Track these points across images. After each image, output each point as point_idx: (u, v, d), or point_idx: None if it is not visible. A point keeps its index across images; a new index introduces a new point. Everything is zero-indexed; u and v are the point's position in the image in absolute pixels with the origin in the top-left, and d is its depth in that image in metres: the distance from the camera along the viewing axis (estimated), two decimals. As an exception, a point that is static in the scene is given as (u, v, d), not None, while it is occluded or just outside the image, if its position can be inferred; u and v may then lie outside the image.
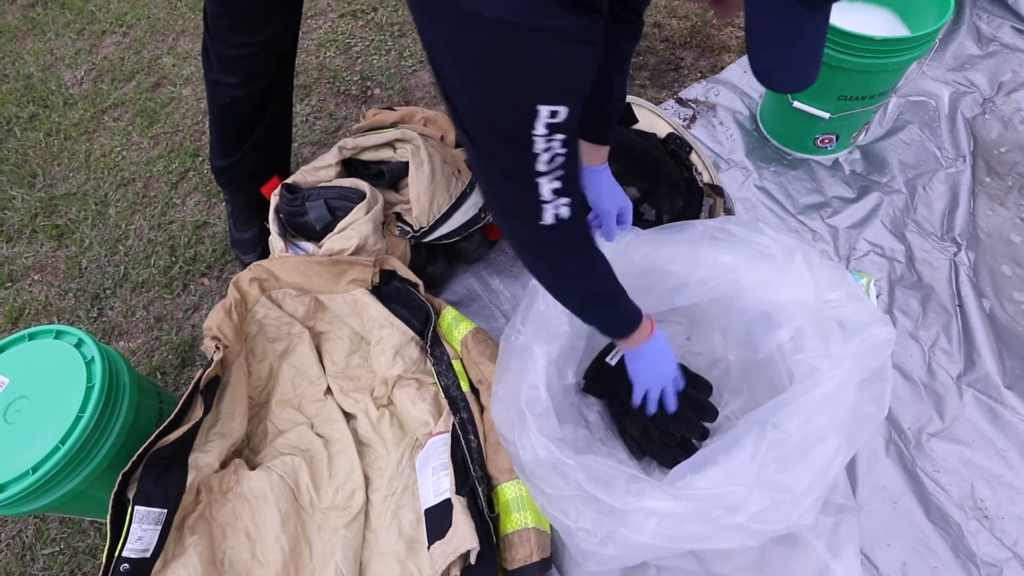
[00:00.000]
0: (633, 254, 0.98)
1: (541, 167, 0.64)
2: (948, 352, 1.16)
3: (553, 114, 0.60)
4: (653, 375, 0.97)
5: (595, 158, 1.06)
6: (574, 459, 0.81)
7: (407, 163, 1.19)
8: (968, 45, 1.61)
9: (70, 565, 1.13)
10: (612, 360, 1.16)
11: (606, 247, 0.97)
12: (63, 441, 0.85)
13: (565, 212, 0.69)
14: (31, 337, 0.96)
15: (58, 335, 0.95)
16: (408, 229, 1.21)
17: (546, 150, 0.63)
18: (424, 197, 1.17)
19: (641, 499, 0.78)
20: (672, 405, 1.00)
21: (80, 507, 0.97)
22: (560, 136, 0.62)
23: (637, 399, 0.99)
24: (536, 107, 0.59)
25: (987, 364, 1.13)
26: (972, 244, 1.29)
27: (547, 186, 0.66)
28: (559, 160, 0.64)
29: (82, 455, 0.87)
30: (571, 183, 0.68)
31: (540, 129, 0.61)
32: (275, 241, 1.16)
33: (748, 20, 0.57)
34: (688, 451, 1.00)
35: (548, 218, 0.68)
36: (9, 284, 1.49)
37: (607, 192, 1.06)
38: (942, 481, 1.03)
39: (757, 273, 0.95)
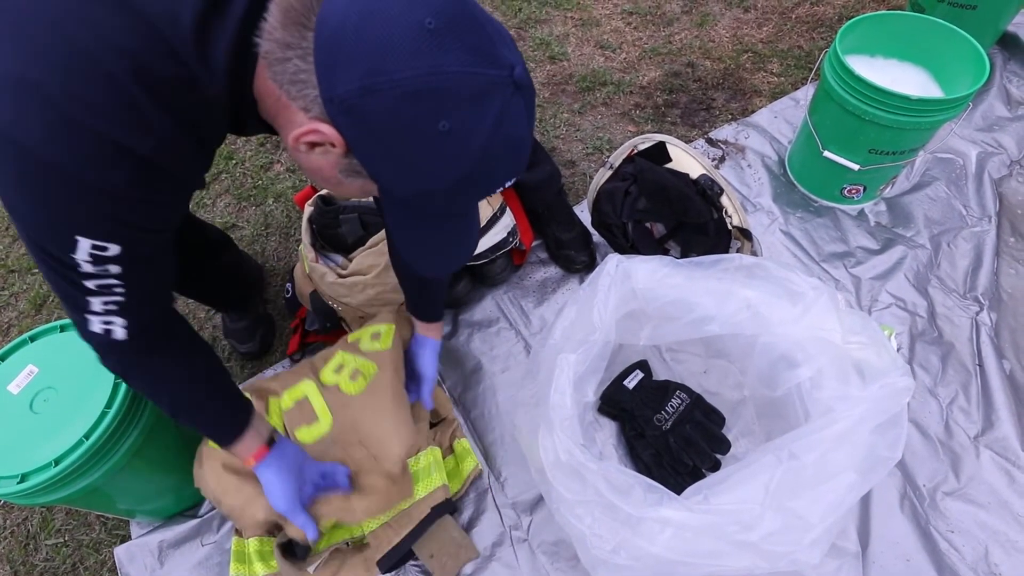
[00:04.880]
0: (664, 283, 1.00)
1: (90, 286, 0.57)
2: (966, 411, 1.16)
3: (99, 248, 0.54)
4: (273, 499, 0.87)
5: (426, 330, 1.09)
6: (596, 464, 0.82)
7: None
8: (997, 107, 1.63)
9: (73, 558, 1.13)
10: (630, 384, 1.18)
11: (642, 271, 0.99)
12: (87, 435, 0.85)
13: (120, 333, 0.62)
14: (63, 329, 0.97)
15: (90, 329, 0.96)
16: (437, 248, 1.22)
17: (93, 275, 0.56)
18: (456, 218, 1.19)
19: (657, 509, 0.79)
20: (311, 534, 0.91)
21: (94, 502, 0.97)
22: (114, 267, 0.56)
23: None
24: (75, 237, 0.52)
25: (1005, 426, 1.13)
26: (994, 304, 1.29)
27: (97, 302, 0.59)
28: (114, 287, 0.58)
29: (104, 451, 0.87)
30: (130, 308, 0.61)
31: (84, 256, 0.54)
32: (306, 251, 1.17)
33: (387, 225, 0.60)
34: (697, 480, 1.01)
35: (96, 327, 0.62)
36: (36, 272, 1.50)
37: (427, 365, 1.09)
38: (956, 542, 1.03)
39: (784, 310, 0.97)
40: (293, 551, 0.98)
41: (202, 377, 0.78)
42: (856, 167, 1.32)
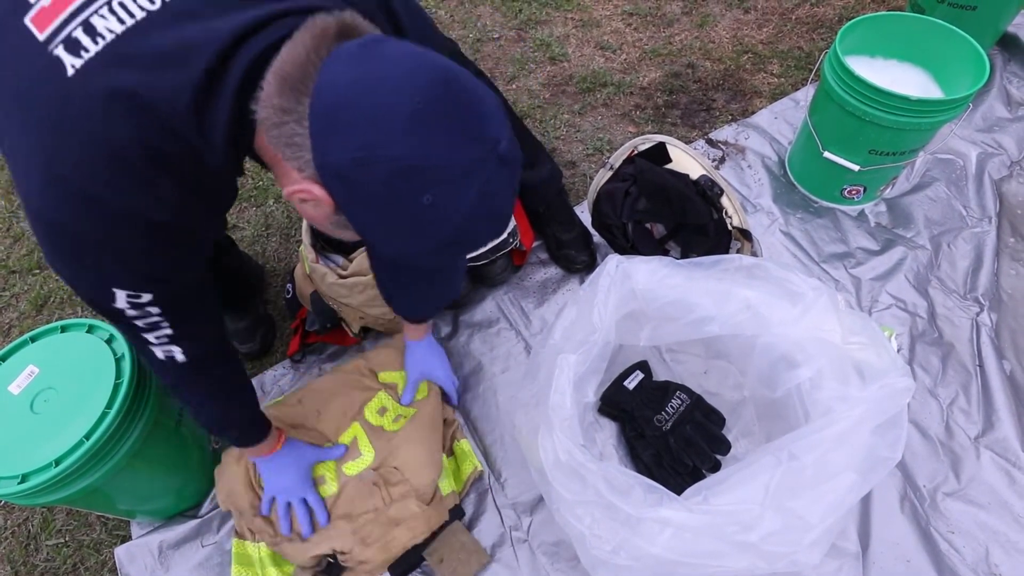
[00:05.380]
0: (664, 283, 1.00)
1: (140, 324, 0.66)
2: (967, 412, 1.16)
3: (133, 296, 0.62)
4: (276, 485, 1.02)
5: (413, 333, 1.12)
6: (595, 464, 0.82)
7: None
8: (998, 108, 1.63)
9: (73, 558, 1.13)
10: (630, 384, 1.18)
11: (642, 272, 1.00)
12: (88, 436, 0.85)
13: (180, 357, 0.72)
14: (63, 329, 0.97)
15: (90, 329, 0.96)
16: (437, 249, 1.22)
17: (139, 317, 0.65)
18: (456, 219, 1.19)
19: (657, 509, 0.79)
20: (302, 518, 1.01)
21: (94, 502, 0.97)
22: (153, 308, 0.65)
23: (265, 505, 1.03)
24: (112, 290, 0.61)
25: (1006, 427, 1.13)
26: (995, 305, 1.29)
27: (152, 336, 0.69)
28: (160, 323, 0.67)
29: (104, 452, 0.87)
30: (181, 337, 0.70)
31: (123, 304, 0.63)
32: (307, 252, 1.17)
33: (376, 278, 0.66)
34: (698, 481, 1.01)
35: (160, 355, 0.71)
36: (37, 271, 1.50)
37: (434, 364, 1.15)
38: (956, 543, 1.03)
39: (784, 310, 0.97)
40: (330, 571, 1.03)
41: (241, 396, 0.89)
42: (856, 168, 1.32)
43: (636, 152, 1.24)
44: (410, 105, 0.47)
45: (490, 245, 1.24)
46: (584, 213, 1.40)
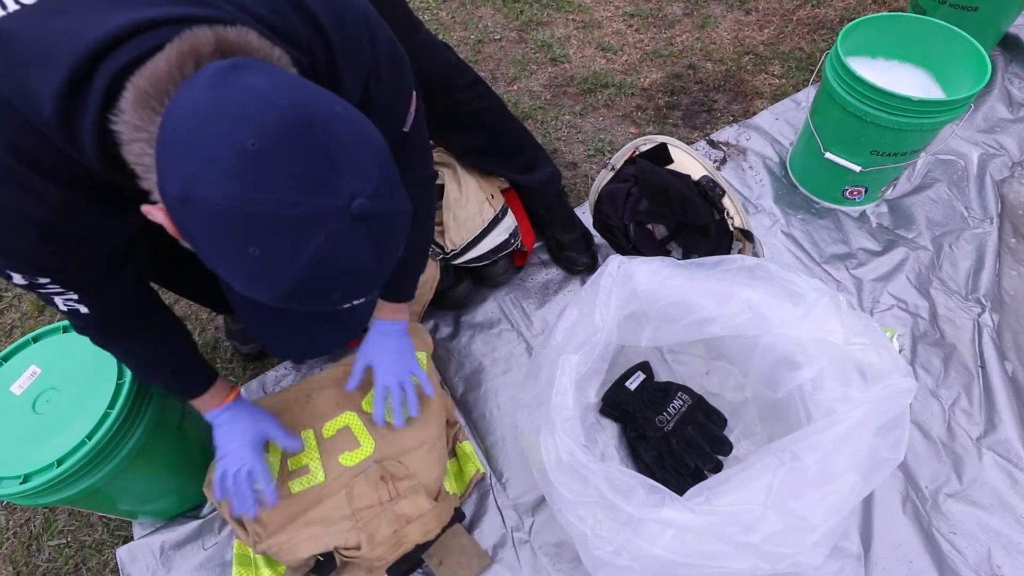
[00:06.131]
0: (665, 284, 1.00)
1: (43, 292, 0.65)
2: (968, 413, 1.16)
3: (29, 278, 0.61)
4: (223, 450, 0.93)
5: (387, 311, 1.01)
6: (597, 465, 0.82)
7: (443, 185, 1.21)
8: (999, 109, 1.63)
9: (75, 559, 1.13)
10: (632, 385, 1.18)
11: (643, 272, 0.99)
12: (90, 436, 0.85)
13: (84, 310, 0.70)
14: (65, 330, 0.97)
15: (93, 330, 0.96)
16: (439, 250, 1.22)
17: (41, 289, 0.64)
18: (458, 220, 1.19)
19: (659, 510, 0.79)
20: (239, 491, 0.91)
21: (95, 503, 0.97)
22: (54, 286, 0.64)
23: (216, 477, 0.93)
24: (7, 272, 0.60)
25: (1007, 428, 1.12)
26: (996, 306, 1.29)
27: (59, 300, 0.68)
28: (63, 292, 0.66)
29: (106, 452, 0.87)
30: (86, 302, 0.69)
31: (21, 281, 0.62)
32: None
33: (241, 318, 0.60)
34: (699, 482, 1.01)
35: (63, 308, 0.70)
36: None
37: (386, 358, 1.01)
38: (958, 544, 1.02)
39: (785, 311, 0.96)
40: (319, 569, 1.01)
41: (165, 349, 0.85)
42: (858, 169, 1.32)
43: (637, 153, 1.24)
44: (240, 146, 0.42)
45: (491, 246, 1.24)
46: (585, 214, 1.40)
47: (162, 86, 0.46)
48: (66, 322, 0.98)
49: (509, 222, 1.26)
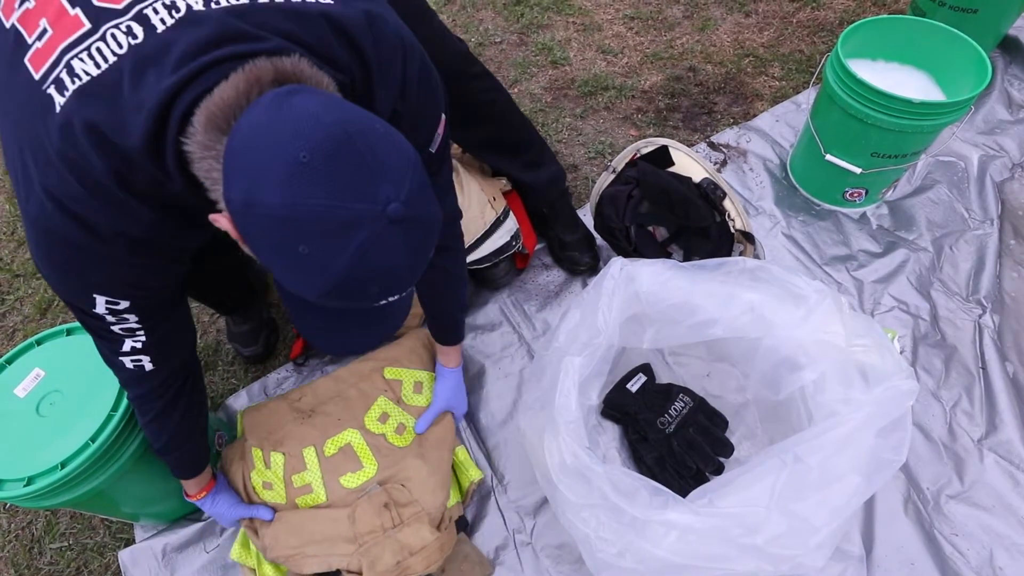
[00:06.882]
0: (667, 286, 1.00)
1: (116, 330, 0.72)
2: (970, 414, 1.16)
3: (112, 302, 0.68)
4: (226, 516, 1.03)
5: (446, 358, 1.14)
6: (601, 467, 0.82)
7: (444, 187, 1.21)
8: (999, 110, 1.63)
9: (77, 562, 1.13)
10: (633, 387, 1.18)
11: (645, 275, 1.00)
12: (93, 438, 0.86)
13: (148, 365, 0.77)
14: (69, 332, 0.97)
15: (96, 332, 0.97)
16: (440, 252, 1.22)
17: (116, 323, 0.71)
18: (459, 222, 1.19)
19: (662, 512, 0.79)
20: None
21: (98, 505, 0.98)
22: (131, 316, 0.70)
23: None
24: (92, 295, 0.67)
25: (1009, 429, 1.12)
26: (997, 307, 1.29)
27: (128, 343, 0.74)
28: (136, 330, 0.72)
29: (110, 454, 0.88)
30: (154, 344, 0.75)
31: (102, 309, 0.68)
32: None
33: (291, 316, 0.67)
34: (701, 484, 1.01)
35: (128, 364, 0.76)
36: (40, 276, 1.51)
37: (461, 399, 1.16)
38: (960, 545, 1.02)
39: (787, 313, 0.97)
40: None
41: (197, 417, 0.91)
42: (858, 170, 1.33)
43: (639, 155, 1.24)
44: (293, 158, 0.48)
45: (493, 248, 1.24)
46: (586, 216, 1.41)
47: (229, 111, 0.53)
48: (70, 325, 0.98)
49: (511, 224, 1.26)
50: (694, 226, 1.20)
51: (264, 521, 1.02)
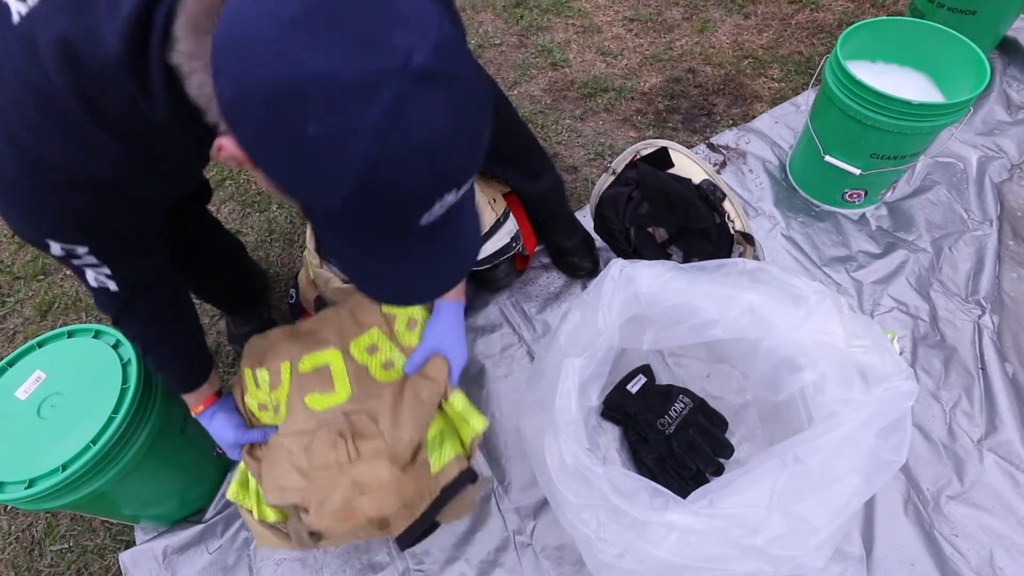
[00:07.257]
0: (667, 287, 1.00)
1: (76, 264, 0.67)
2: (970, 415, 1.16)
3: (67, 248, 0.63)
4: (222, 438, 0.95)
5: (453, 292, 0.96)
6: (601, 468, 0.82)
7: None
8: (998, 111, 1.64)
9: (77, 564, 1.13)
10: (633, 388, 1.18)
11: (645, 276, 0.99)
12: (95, 440, 0.86)
13: (114, 287, 0.71)
14: (70, 335, 0.98)
15: (97, 335, 0.97)
16: (441, 254, 1.23)
17: (74, 261, 0.66)
18: (459, 224, 1.19)
19: (663, 513, 0.79)
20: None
21: (99, 507, 0.98)
22: (89, 258, 0.65)
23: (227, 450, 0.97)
24: (45, 240, 0.62)
25: (1009, 430, 1.13)
26: (996, 308, 1.29)
27: (90, 273, 0.69)
28: (96, 265, 0.67)
29: (111, 456, 0.88)
30: (117, 274, 0.70)
31: (58, 252, 0.63)
32: (311, 256, 1.18)
33: (341, 263, 0.57)
34: (701, 485, 1.01)
35: (93, 284, 0.71)
36: (42, 277, 1.51)
37: (455, 339, 0.97)
38: (960, 546, 1.03)
39: (787, 313, 0.97)
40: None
41: (177, 331, 0.86)
42: (857, 172, 1.33)
43: (639, 157, 1.25)
44: (283, 18, 0.39)
45: (493, 250, 1.24)
46: (586, 217, 1.41)
47: (211, 7, 0.45)
48: (71, 327, 0.98)
49: (511, 226, 1.26)
50: (694, 227, 1.20)
51: (262, 445, 0.93)
